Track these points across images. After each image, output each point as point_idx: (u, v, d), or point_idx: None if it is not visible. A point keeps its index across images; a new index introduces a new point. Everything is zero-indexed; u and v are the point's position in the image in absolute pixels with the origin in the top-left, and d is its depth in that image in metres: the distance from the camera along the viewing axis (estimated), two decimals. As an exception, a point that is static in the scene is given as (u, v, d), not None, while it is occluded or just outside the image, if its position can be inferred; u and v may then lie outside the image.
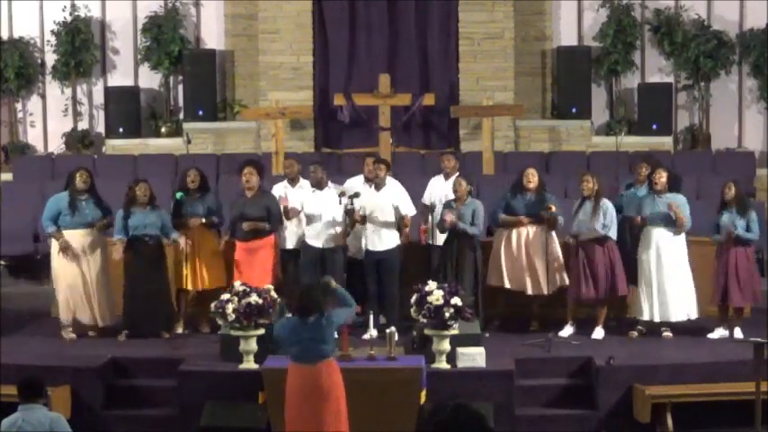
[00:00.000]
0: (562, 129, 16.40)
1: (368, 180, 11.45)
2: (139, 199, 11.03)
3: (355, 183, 11.54)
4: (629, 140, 15.45)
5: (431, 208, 11.52)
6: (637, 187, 11.45)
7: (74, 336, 11.07)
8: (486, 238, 11.56)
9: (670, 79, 16.73)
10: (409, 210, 11.30)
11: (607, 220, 10.82)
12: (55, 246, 11.05)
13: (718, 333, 10.90)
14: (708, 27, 16.52)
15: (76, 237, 11.01)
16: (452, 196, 11.16)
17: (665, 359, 10.20)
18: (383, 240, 11.09)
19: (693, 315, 10.94)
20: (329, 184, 11.21)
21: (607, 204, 10.90)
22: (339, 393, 8.24)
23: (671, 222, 10.80)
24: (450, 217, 10.85)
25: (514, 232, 11.17)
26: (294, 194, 11.24)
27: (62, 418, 7.26)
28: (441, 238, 11.15)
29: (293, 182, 11.47)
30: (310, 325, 8.15)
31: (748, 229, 10.81)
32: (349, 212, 10.96)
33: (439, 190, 11.59)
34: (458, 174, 11.54)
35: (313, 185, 11.09)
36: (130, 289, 11.02)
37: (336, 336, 8.58)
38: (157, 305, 11.00)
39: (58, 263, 11.04)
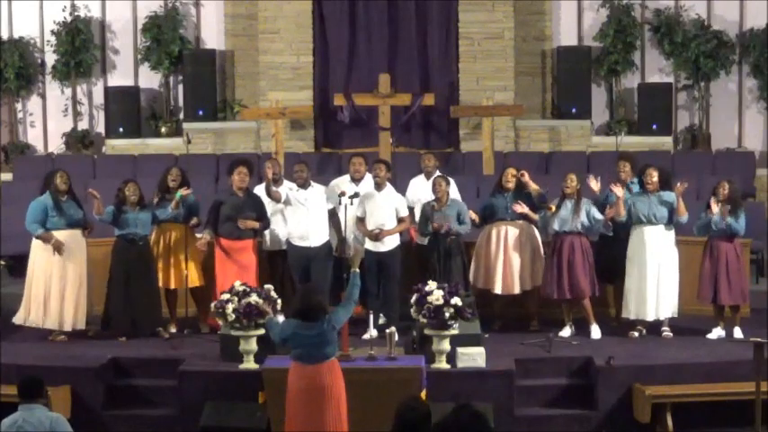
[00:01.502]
0: (562, 129, 16.40)
1: (353, 180, 11.45)
2: (129, 199, 11.05)
3: (341, 182, 11.54)
4: (629, 140, 15.46)
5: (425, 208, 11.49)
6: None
7: (64, 337, 11.03)
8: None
9: (670, 79, 16.74)
10: (406, 211, 11.29)
11: (591, 219, 10.86)
12: (36, 248, 11.01)
13: (716, 333, 10.90)
14: (708, 27, 16.52)
15: (64, 237, 10.99)
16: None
17: (665, 359, 10.20)
18: (383, 240, 11.08)
19: (675, 313, 10.94)
20: (312, 183, 11.20)
21: (589, 204, 10.93)
22: (340, 393, 8.23)
23: (663, 221, 10.81)
24: (437, 224, 10.87)
25: (494, 232, 11.19)
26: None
27: (62, 417, 7.25)
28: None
29: (276, 183, 11.37)
30: (313, 328, 8.13)
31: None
32: (332, 215, 10.98)
33: (421, 190, 11.59)
34: (437, 174, 11.53)
35: (299, 185, 11.08)
36: (118, 288, 11.01)
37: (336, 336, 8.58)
38: (148, 306, 11.01)
39: (41, 266, 10.97)
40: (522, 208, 11.00)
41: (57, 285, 10.94)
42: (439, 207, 11.04)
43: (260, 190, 11.43)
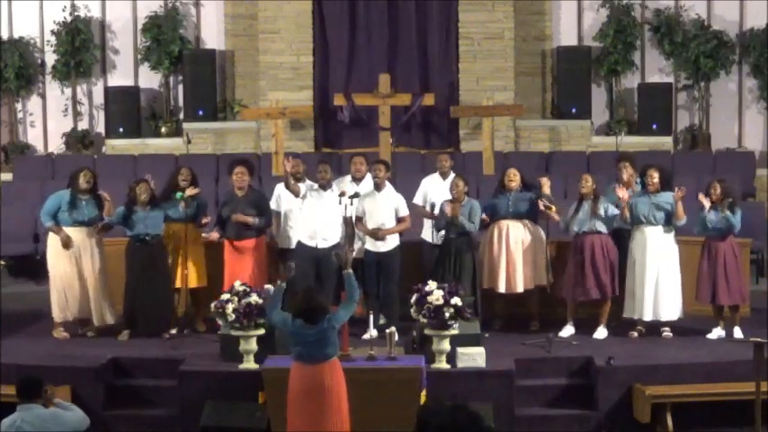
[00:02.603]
0: (562, 129, 16.42)
1: (355, 179, 11.45)
2: (139, 198, 11.05)
3: (343, 182, 11.53)
4: (629, 140, 15.47)
5: (432, 207, 11.49)
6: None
7: (66, 335, 11.05)
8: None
9: (670, 79, 16.75)
10: (406, 211, 11.28)
11: (608, 216, 10.87)
12: (51, 242, 11.05)
13: (716, 333, 10.89)
14: (708, 27, 16.54)
15: (73, 235, 11.00)
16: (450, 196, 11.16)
17: (665, 359, 10.19)
18: (383, 240, 11.07)
19: (680, 314, 10.94)
20: (333, 187, 11.19)
21: (606, 202, 10.93)
22: (341, 393, 8.24)
23: (664, 221, 10.81)
24: (449, 208, 10.89)
25: (496, 230, 11.19)
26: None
27: (59, 411, 7.25)
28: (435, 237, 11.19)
29: (299, 181, 11.39)
30: (314, 328, 8.13)
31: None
32: (348, 224, 10.97)
33: (437, 189, 11.57)
34: (454, 174, 11.52)
35: (321, 185, 11.06)
36: (132, 288, 11.01)
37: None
38: (159, 305, 11.01)
39: (54, 260, 11.03)
40: (543, 206, 11.01)
41: (72, 282, 10.97)
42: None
43: (279, 189, 11.44)
